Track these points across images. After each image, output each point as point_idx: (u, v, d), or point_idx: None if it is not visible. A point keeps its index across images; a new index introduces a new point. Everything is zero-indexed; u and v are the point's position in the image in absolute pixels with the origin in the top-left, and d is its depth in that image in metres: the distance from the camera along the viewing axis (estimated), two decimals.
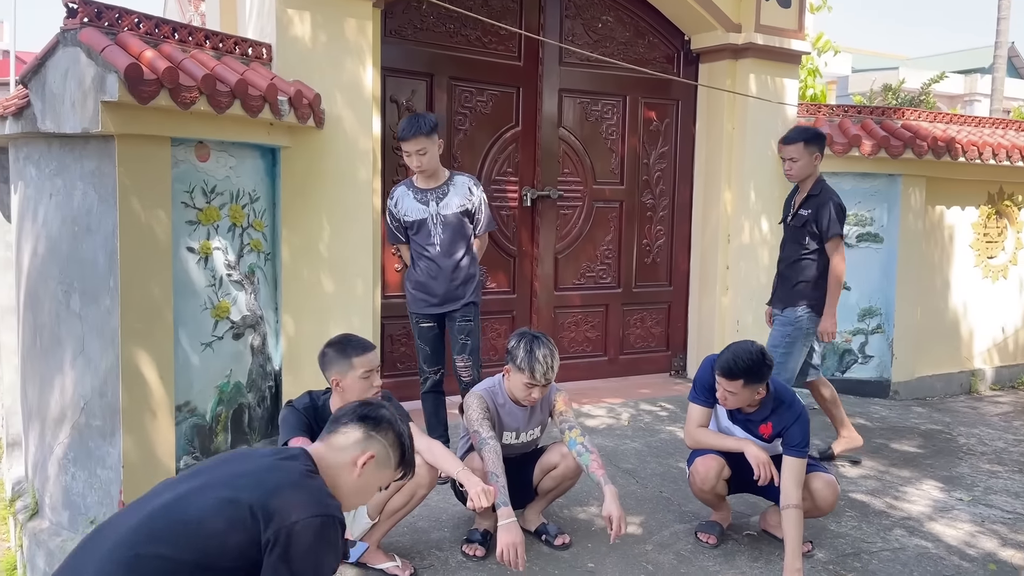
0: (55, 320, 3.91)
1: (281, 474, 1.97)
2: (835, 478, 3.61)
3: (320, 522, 1.90)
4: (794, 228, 4.69)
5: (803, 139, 4.52)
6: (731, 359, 3.35)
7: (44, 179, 3.91)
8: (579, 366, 6.24)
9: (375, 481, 2.18)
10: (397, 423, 2.22)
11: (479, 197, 4.22)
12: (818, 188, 4.61)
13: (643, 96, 6.32)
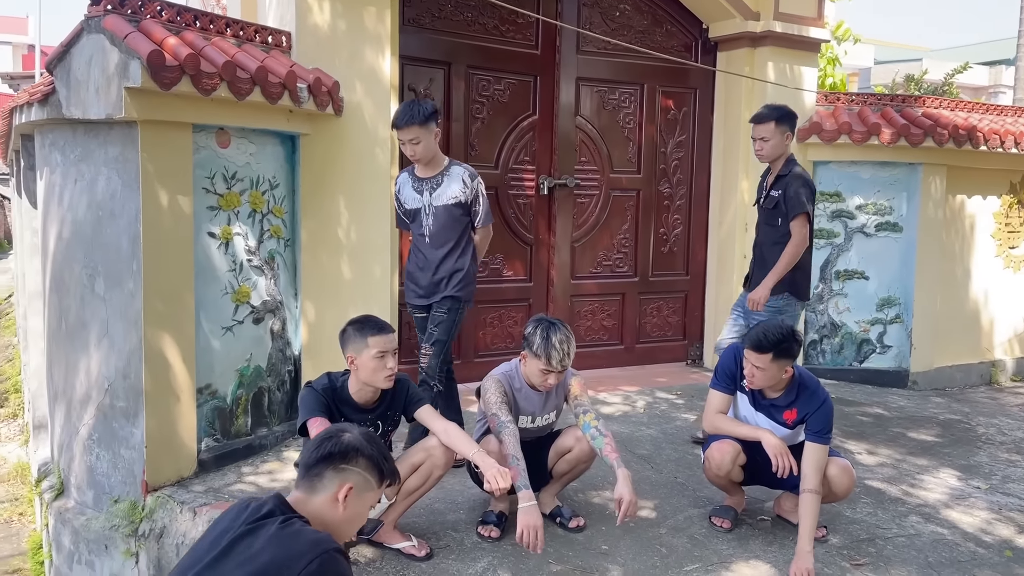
0: (80, 303, 3.98)
1: (264, 546, 1.93)
2: (850, 464, 3.61)
3: (319, 563, 1.89)
4: (767, 210, 4.55)
5: (775, 117, 4.40)
6: (761, 333, 3.39)
7: (69, 165, 3.98)
8: (596, 354, 6.26)
9: (362, 506, 2.18)
10: (364, 446, 2.16)
11: (474, 189, 4.03)
12: (788, 168, 4.47)
13: (661, 85, 6.32)
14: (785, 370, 3.44)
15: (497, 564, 3.33)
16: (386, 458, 2.21)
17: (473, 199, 4.03)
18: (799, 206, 4.35)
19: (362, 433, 2.22)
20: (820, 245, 6.57)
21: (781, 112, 4.44)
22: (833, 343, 6.64)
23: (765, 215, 4.58)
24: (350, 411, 3.26)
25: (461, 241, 4.07)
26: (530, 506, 3.14)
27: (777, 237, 4.46)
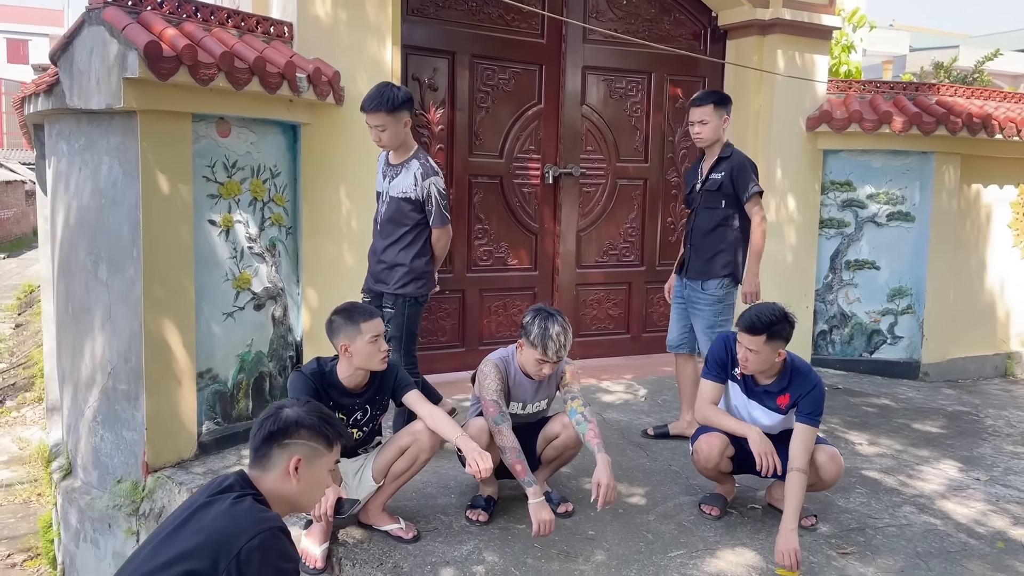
0: (84, 288, 4.09)
1: (213, 518, 2.01)
2: (838, 452, 3.61)
3: (260, 540, 1.95)
4: (707, 194, 4.39)
5: (713, 101, 4.30)
6: (754, 315, 3.40)
7: (74, 154, 4.08)
8: (601, 343, 6.28)
9: (318, 473, 2.22)
10: (304, 417, 2.20)
11: (426, 189, 3.85)
12: (728, 150, 4.39)
13: (669, 73, 6.30)
14: (778, 353, 3.45)
15: (483, 547, 3.38)
16: (328, 422, 2.25)
17: (425, 198, 3.88)
18: (753, 187, 4.29)
19: (301, 404, 2.27)
20: (830, 235, 6.53)
21: (719, 96, 4.39)
22: (843, 333, 6.59)
23: (705, 199, 4.41)
24: (338, 395, 3.32)
25: (407, 236, 3.92)
26: (540, 502, 3.26)
27: (718, 220, 4.36)
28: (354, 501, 3.09)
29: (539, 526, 3.20)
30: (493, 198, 5.74)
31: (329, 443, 2.23)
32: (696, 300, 4.43)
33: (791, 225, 6.33)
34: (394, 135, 3.81)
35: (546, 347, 3.37)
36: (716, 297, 4.38)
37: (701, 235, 4.43)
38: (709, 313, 4.39)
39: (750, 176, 4.29)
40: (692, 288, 4.46)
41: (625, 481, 4.08)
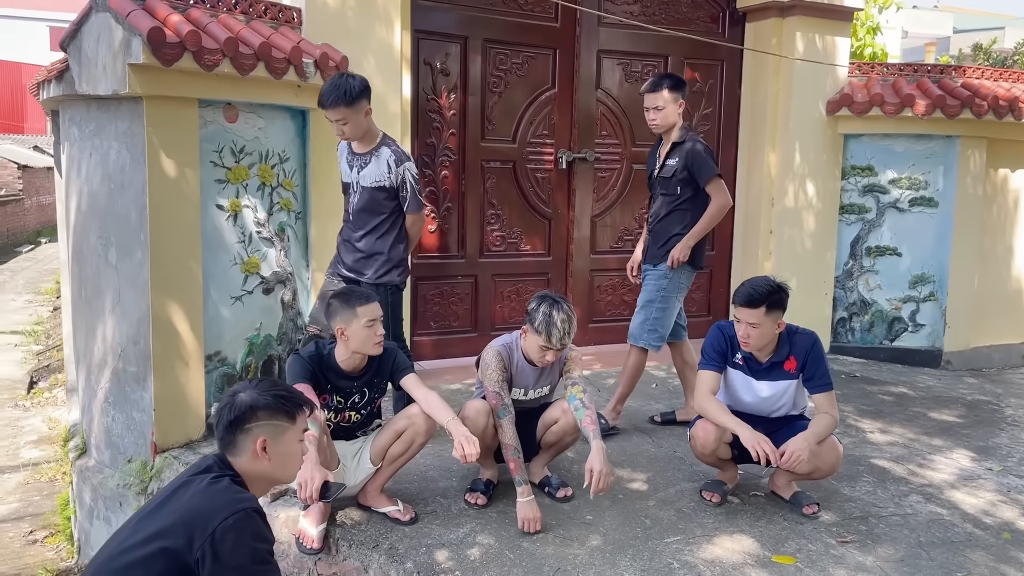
0: (96, 272, 4.17)
1: (190, 497, 2.06)
2: (837, 441, 3.56)
3: (234, 520, 1.99)
4: (663, 180, 4.33)
5: (667, 85, 4.20)
6: (750, 288, 3.41)
7: (85, 139, 4.15)
8: (616, 329, 6.24)
9: (287, 448, 2.26)
10: (258, 398, 2.22)
11: (401, 174, 3.80)
12: (683, 135, 4.28)
13: (686, 57, 6.22)
14: (778, 324, 3.44)
15: (479, 530, 3.40)
16: (285, 397, 2.27)
17: (400, 184, 3.83)
18: (710, 170, 4.21)
19: (255, 385, 2.28)
20: (851, 221, 6.43)
21: (674, 79, 4.28)
22: (863, 321, 6.49)
23: (662, 185, 4.35)
24: (336, 378, 3.35)
25: (383, 225, 3.88)
26: (528, 500, 3.34)
27: (673, 206, 4.30)
28: (340, 485, 3.12)
29: (524, 523, 3.29)
30: (506, 183, 5.73)
31: (291, 416, 2.26)
32: (647, 276, 4.41)
33: (810, 211, 6.24)
34: (356, 126, 3.74)
35: (550, 334, 3.36)
36: (663, 273, 4.33)
37: (657, 221, 4.39)
38: (652, 288, 4.35)
39: (705, 161, 4.20)
40: (645, 268, 4.46)
41: (628, 467, 4.08)
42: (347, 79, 3.69)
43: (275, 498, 3.59)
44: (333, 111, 3.67)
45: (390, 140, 3.89)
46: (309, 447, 2.93)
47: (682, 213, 4.29)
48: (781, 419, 3.65)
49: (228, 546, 1.97)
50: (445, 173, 5.50)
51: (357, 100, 3.67)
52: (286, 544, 3.40)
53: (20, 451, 7.26)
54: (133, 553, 1.99)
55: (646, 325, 4.35)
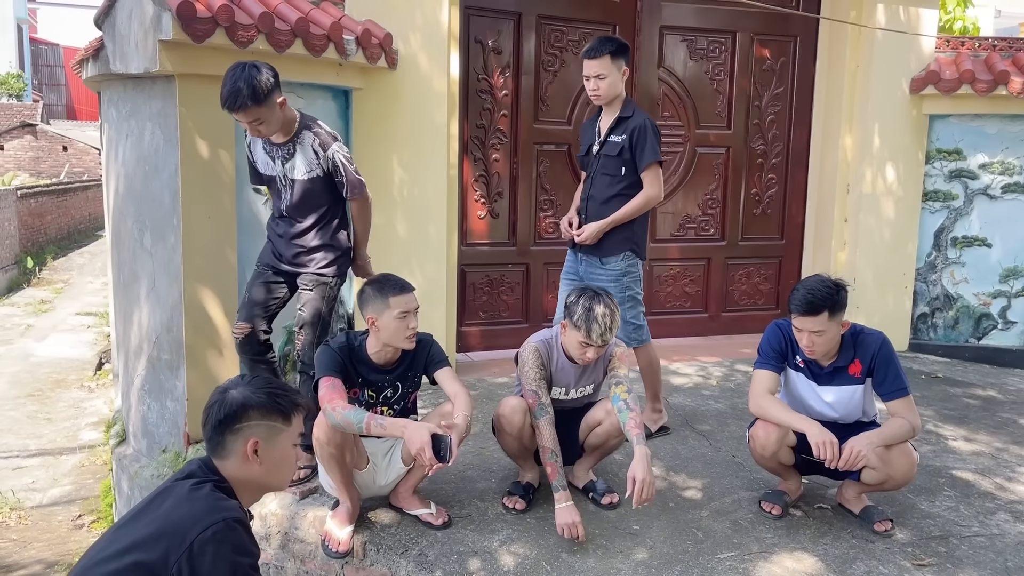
0: (132, 257, 4.07)
1: (169, 506, 1.89)
2: (911, 447, 3.21)
3: (213, 532, 1.81)
4: (605, 158, 3.83)
5: (610, 51, 3.71)
6: (807, 294, 3.06)
7: (121, 120, 4.05)
8: (676, 322, 5.94)
9: (281, 451, 2.06)
10: (251, 397, 2.03)
11: (331, 159, 3.33)
12: (630, 109, 3.82)
13: (756, 32, 5.83)
14: (843, 324, 3.13)
15: (516, 538, 3.17)
16: (279, 396, 2.06)
17: (332, 169, 3.36)
18: (652, 154, 3.75)
19: (247, 383, 2.09)
20: (935, 209, 5.96)
21: (615, 44, 3.76)
22: (947, 317, 6.02)
23: (603, 164, 3.85)
24: (367, 371, 3.16)
25: (324, 217, 3.44)
26: (567, 506, 3.11)
27: (617, 189, 3.81)
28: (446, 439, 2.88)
29: (562, 529, 3.06)
30: (560, 167, 5.46)
31: (286, 417, 2.05)
32: (596, 276, 3.88)
33: (889, 197, 5.80)
34: (272, 121, 3.23)
35: (590, 329, 3.10)
36: (619, 271, 3.87)
37: (597, 205, 3.86)
38: (615, 289, 3.80)
39: (651, 142, 3.75)
40: (589, 264, 3.92)
41: (682, 472, 3.79)
42: (250, 73, 3.12)
43: (304, 496, 3.43)
44: (242, 115, 3.17)
45: (309, 120, 3.38)
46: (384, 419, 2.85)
47: (626, 198, 3.79)
48: (851, 426, 3.31)
49: (207, 560, 1.78)
50: (496, 156, 5.26)
51: (268, 97, 3.15)
52: (313, 546, 3.24)
53: (80, 433, 7.36)
54: (107, 565, 1.81)
55: (627, 329, 3.92)
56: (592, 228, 3.80)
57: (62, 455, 6.85)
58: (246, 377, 2.15)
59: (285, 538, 3.36)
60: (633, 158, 3.77)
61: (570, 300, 3.20)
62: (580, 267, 3.98)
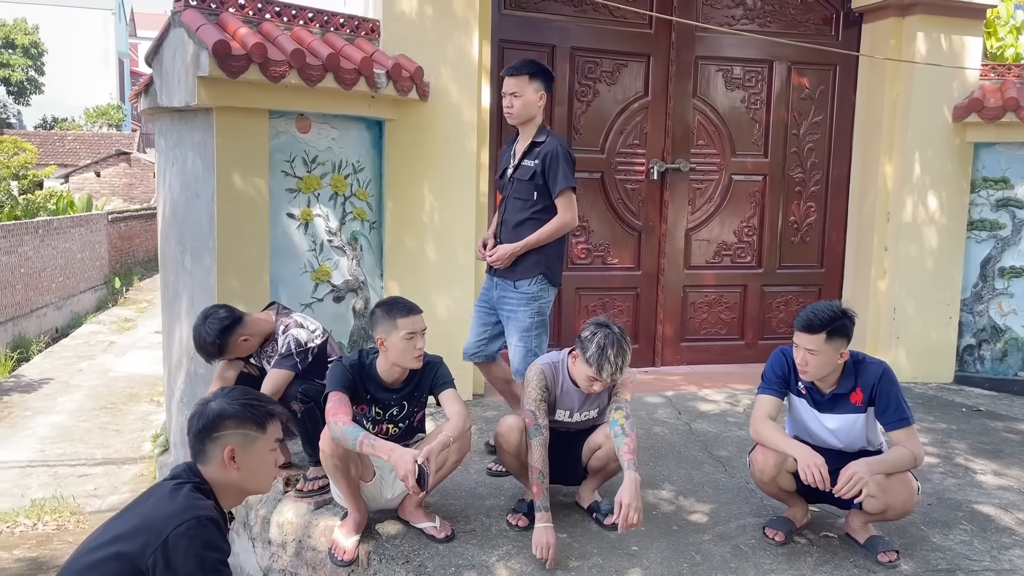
0: (175, 276, 4.34)
1: (151, 503, 2.08)
2: (912, 476, 3.18)
3: (186, 528, 1.98)
4: (518, 183, 3.81)
5: (528, 72, 3.73)
6: (810, 312, 3.12)
7: (169, 149, 4.35)
8: (711, 349, 5.94)
9: (257, 458, 2.22)
10: (227, 407, 2.19)
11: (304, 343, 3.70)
12: (543, 135, 3.81)
13: (794, 62, 5.85)
14: (840, 353, 3.13)
15: (515, 554, 3.26)
16: (254, 406, 2.22)
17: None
18: (566, 179, 3.74)
19: (225, 394, 2.26)
20: (982, 238, 5.83)
21: (537, 67, 3.77)
22: (994, 349, 5.86)
23: (516, 188, 3.84)
24: (375, 389, 3.31)
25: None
26: (546, 527, 3.16)
27: (529, 214, 3.80)
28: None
29: (537, 548, 3.11)
30: (593, 195, 5.57)
31: (260, 425, 2.22)
32: (507, 300, 3.87)
33: (932, 227, 5.71)
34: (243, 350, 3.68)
35: (600, 368, 3.16)
36: (531, 295, 3.83)
37: (510, 229, 3.85)
38: (524, 314, 3.85)
39: (563, 168, 3.74)
40: (503, 287, 3.89)
41: (691, 496, 3.82)
42: (201, 331, 3.53)
43: (318, 506, 3.59)
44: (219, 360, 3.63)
45: (282, 327, 3.67)
46: (375, 440, 2.96)
47: (538, 223, 3.79)
48: (855, 455, 3.30)
49: (179, 554, 1.96)
50: None
51: (227, 343, 3.55)
52: (324, 554, 3.39)
53: (143, 444, 7.73)
54: (94, 554, 2.01)
55: (530, 357, 3.87)
56: (504, 250, 3.80)
57: (124, 464, 7.22)
58: (226, 389, 2.32)
59: (299, 546, 3.52)
60: (545, 183, 3.76)
61: (585, 335, 3.23)
62: (494, 292, 3.94)
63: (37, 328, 13.71)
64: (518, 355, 3.86)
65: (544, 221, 3.80)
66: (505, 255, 3.79)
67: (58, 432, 8.51)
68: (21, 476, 7.15)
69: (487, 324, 4.00)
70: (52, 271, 14.58)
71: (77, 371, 11.44)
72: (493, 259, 3.82)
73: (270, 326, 3.68)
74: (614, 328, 3.21)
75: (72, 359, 12.24)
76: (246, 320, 3.59)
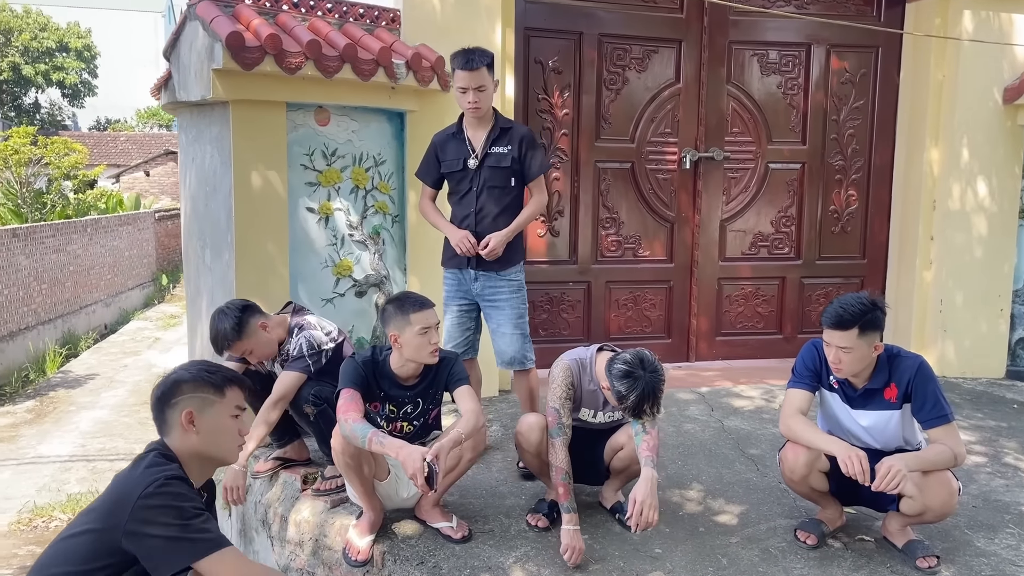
0: (196, 273, 4.32)
1: (118, 479, 2.09)
2: (953, 476, 2.99)
3: (153, 488, 1.98)
4: (493, 171, 3.69)
5: (487, 63, 3.61)
6: (839, 307, 2.95)
7: (189, 144, 4.32)
8: (748, 343, 5.76)
9: (216, 421, 2.22)
10: (183, 373, 2.23)
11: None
12: (507, 120, 3.77)
13: (833, 44, 5.62)
14: (874, 346, 2.96)
15: (532, 556, 3.15)
16: (212, 371, 2.25)
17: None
18: (546, 162, 3.79)
19: (187, 365, 2.29)
20: None
21: (489, 56, 3.64)
22: None
23: (490, 176, 3.71)
24: (389, 386, 3.23)
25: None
26: (573, 530, 3.06)
27: (507, 201, 3.72)
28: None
29: (565, 551, 3.01)
30: (622, 185, 5.42)
31: (218, 389, 2.23)
32: (497, 290, 3.77)
33: (981, 214, 5.44)
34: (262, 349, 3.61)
35: (625, 409, 3.01)
36: (520, 282, 3.81)
37: (491, 219, 3.73)
38: (517, 301, 3.78)
39: (540, 151, 3.76)
40: (487, 279, 3.77)
41: (720, 497, 3.67)
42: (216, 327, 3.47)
43: (335, 505, 3.53)
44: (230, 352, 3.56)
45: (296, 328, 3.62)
46: (385, 438, 2.89)
47: (516, 210, 3.74)
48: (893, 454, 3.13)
49: (154, 515, 1.95)
50: (556, 176, 5.27)
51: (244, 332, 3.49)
52: (339, 553, 3.33)
53: None
54: (70, 531, 2.02)
55: (527, 344, 3.82)
56: (498, 238, 3.67)
57: None
58: (189, 362, 2.36)
59: (316, 545, 3.47)
60: (522, 168, 3.71)
61: (619, 369, 2.99)
62: (474, 285, 3.81)
63: (86, 324, 14.01)
64: (515, 344, 3.79)
65: (520, 206, 3.74)
66: (501, 241, 3.67)
67: (99, 427, 8.66)
68: (61, 471, 7.28)
69: (470, 318, 3.89)
70: (101, 269, 14.88)
71: (122, 367, 11.66)
72: (490, 248, 3.67)
73: (284, 329, 3.63)
74: (655, 377, 2.96)
75: (118, 355, 12.48)
76: (253, 330, 3.49)
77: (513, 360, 3.80)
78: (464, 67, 3.58)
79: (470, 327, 3.89)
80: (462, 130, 3.75)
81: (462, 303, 3.86)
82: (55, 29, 34.35)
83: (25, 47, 33.21)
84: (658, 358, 3.05)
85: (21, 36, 33.17)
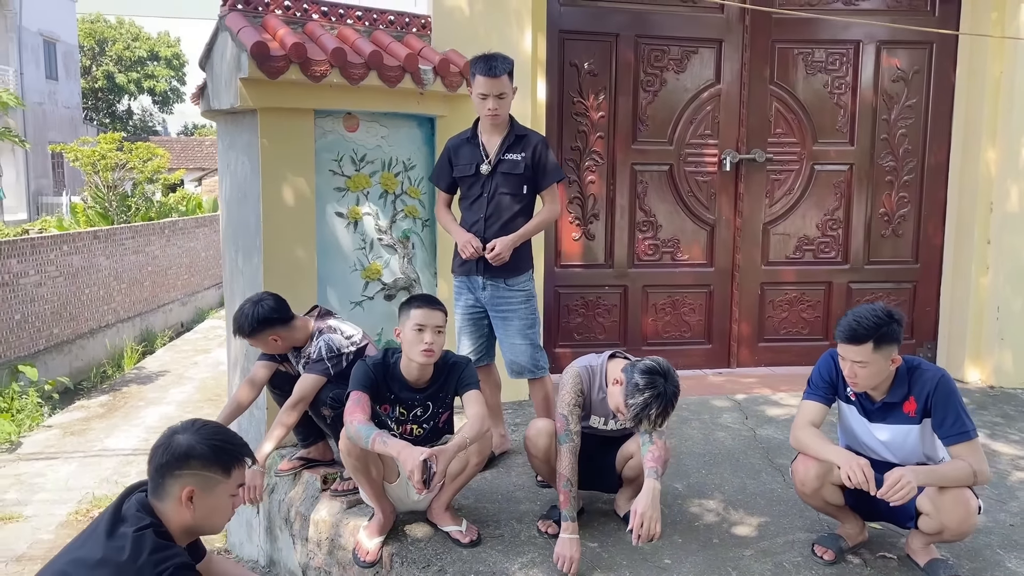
0: (231, 276, 4.45)
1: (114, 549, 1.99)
2: (973, 495, 2.85)
3: None
4: (506, 177, 3.65)
5: (508, 70, 3.58)
6: (853, 321, 2.84)
7: (224, 151, 4.46)
8: (792, 350, 5.60)
9: (215, 501, 2.13)
10: (195, 446, 2.10)
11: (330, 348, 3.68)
12: (522, 128, 3.71)
13: (884, 41, 5.42)
14: (892, 359, 2.85)
15: (539, 562, 3.14)
16: (223, 448, 2.13)
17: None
18: (559, 171, 3.74)
19: (196, 430, 2.16)
20: None
21: (510, 63, 3.61)
22: None
23: (503, 183, 3.67)
24: (399, 388, 3.26)
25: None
26: (571, 538, 3.03)
27: (520, 208, 3.68)
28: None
29: (558, 559, 2.98)
30: (660, 188, 5.35)
31: (226, 470, 2.13)
32: (507, 300, 3.73)
33: None
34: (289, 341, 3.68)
35: (637, 420, 2.97)
36: (529, 291, 3.77)
37: (501, 224, 3.68)
38: (527, 311, 3.75)
39: (554, 160, 3.72)
40: (494, 288, 3.73)
41: (741, 508, 3.59)
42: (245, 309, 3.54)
43: (350, 506, 3.58)
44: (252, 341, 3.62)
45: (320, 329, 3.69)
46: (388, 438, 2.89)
47: (526, 217, 3.72)
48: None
49: None
50: (591, 178, 5.24)
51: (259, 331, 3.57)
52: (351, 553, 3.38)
53: None
54: None
55: (538, 353, 3.79)
56: (506, 241, 3.63)
57: None
58: (198, 422, 2.22)
59: (332, 545, 3.53)
60: (535, 175, 3.68)
61: (637, 380, 2.94)
62: (482, 294, 3.78)
63: (163, 323, 14.57)
64: (525, 354, 3.76)
65: (531, 214, 3.75)
66: (508, 245, 3.64)
67: (164, 422, 8.98)
68: (123, 464, 7.59)
69: (482, 324, 3.87)
70: (178, 269, 15.46)
71: (192, 364, 12.08)
72: (496, 252, 3.64)
73: (306, 333, 3.70)
74: (668, 385, 2.93)
75: (190, 352, 12.94)
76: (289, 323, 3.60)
77: (523, 370, 3.79)
78: (486, 74, 3.57)
79: (483, 333, 3.88)
80: (477, 135, 3.74)
81: (473, 310, 3.85)
82: (147, 39, 35.84)
83: (119, 56, 34.75)
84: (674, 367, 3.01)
85: (115, 46, 34.73)
